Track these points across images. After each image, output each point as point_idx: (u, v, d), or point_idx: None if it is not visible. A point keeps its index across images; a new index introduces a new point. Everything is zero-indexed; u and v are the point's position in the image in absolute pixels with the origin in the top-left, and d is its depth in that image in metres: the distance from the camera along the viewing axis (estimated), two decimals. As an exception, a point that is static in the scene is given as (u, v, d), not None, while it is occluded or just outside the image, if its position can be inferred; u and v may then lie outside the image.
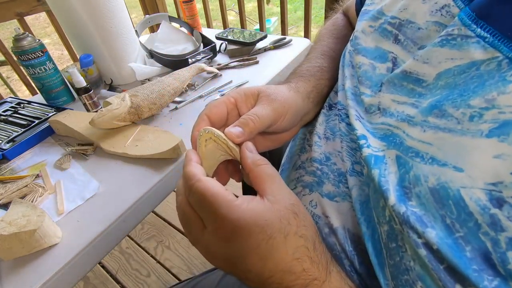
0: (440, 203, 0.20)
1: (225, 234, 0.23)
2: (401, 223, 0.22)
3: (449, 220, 0.20)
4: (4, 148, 0.58)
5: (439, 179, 0.21)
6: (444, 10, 0.27)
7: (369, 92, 0.31)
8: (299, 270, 0.23)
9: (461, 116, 0.21)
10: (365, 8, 0.38)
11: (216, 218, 0.23)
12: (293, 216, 0.24)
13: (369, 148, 0.27)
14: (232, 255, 0.23)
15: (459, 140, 0.21)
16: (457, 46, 0.24)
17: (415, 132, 0.24)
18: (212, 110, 0.30)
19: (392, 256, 0.23)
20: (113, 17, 0.71)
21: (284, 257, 0.23)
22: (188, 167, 0.26)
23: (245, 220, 0.22)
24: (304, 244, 0.24)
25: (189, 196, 0.24)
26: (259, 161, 0.27)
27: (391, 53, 0.31)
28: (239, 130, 0.29)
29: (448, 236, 0.19)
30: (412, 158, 0.23)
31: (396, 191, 0.23)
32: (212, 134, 0.28)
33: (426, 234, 0.20)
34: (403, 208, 0.22)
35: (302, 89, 0.37)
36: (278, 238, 0.23)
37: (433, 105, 0.24)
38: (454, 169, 0.20)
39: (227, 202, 0.22)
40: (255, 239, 0.22)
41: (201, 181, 0.24)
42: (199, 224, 0.24)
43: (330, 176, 0.33)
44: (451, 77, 0.24)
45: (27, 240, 0.38)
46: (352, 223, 0.30)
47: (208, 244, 0.24)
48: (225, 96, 0.32)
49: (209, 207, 0.23)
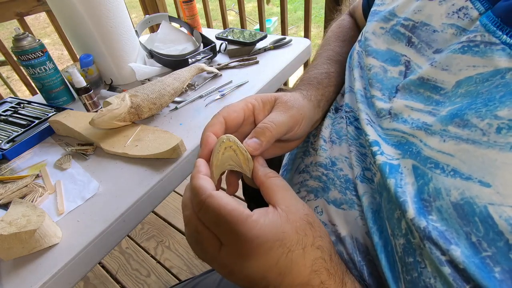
0: (464, 220, 0.19)
1: (245, 252, 0.21)
2: (421, 238, 0.21)
3: (475, 238, 0.18)
4: (4, 148, 0.58)
5: (463, 193, 0.19)
6: (461, 12, 0.26)
7: (380, 95, 0.30)
8: (317, 283, 0.23)
9: (487, 127, 0.20)
10: (374, 9, 0.37)
11: (234, 237, 0.21)
12: (308, 226, 0.24)
13: (383, 156, 0.26)
14: (251, 272, 0.22)
15: (485, 153, 0.19)
16: (480, 53, 0.23)
17: (434, 142, 0.23)
18: (231, 115, 0.29)
19: (409, 272, 0.22)
20: (113, 17, 0.71)
21: (303, 271, 0.22)
22: (196, 180, 0.24)
23: (265, 237, 0.21)
24: (321, 255, 0.24)
25: (200, 213, 0.23)
26: (270, 173, 0.27)
27: (404, 56, 0.31)
28: (257, 142, 0.28)
29: (474, 255, 0.18)
30: (431, 169, 0.22)
31: (414, 203, 0.22)
32: (235, 144, 0.27)
33: (451, 252, 0.19)
34: (423, 222, 0.20)
35: (313, 97, 0.37)
36: (296, 251, 0.22)
37: (453, 114, 0.22)
38: (480, 184, 0.19)
39: (244, 219, 0.21)
40: (274, 253, 0.22)
41: (213, 197, 0.22)
42: (214, 242, 0.23)
43: (337, 182, 0.32)
44: (473, 85, 0.23)
45: (27, 240, 0.38)
46: (360, 232, 0.29)
47: (226, 263, 0.22)
48: (243, 101, 0.31)
49: (226, 225, 0.21)
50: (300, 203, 0.25)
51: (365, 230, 0.28)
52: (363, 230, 0.28)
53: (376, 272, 0.27)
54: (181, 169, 0.53)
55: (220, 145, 0.27)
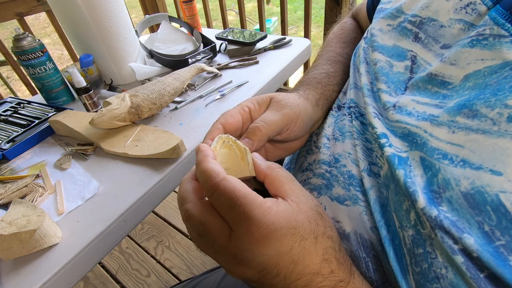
0: (476, 209, 0.19)
1: (258, 238, 0.21)
2: (433, 227, 0.20)
3: (488, 227, 0.18)
4: (4, 148, 0.58)
5: (473, 183, 0.19)
6: (469, 8, 0.27)
7: (386, 87, 0.31)
8: (327, 271, 0.23)
9: (497, 117, 0.20)
10: (381, 7, 0.37)
11: (249, 221, 0.21)
12: (319, 217, 0.24)
13: (391, 148, 0.26)
14: (263, 259, 0.21)
15: (496, 142, 0.20)
16: (489, 46, 0.23)
17: (442, 133, 0.23)
18: (228, 120, 0.30)
19: (418, 263, 0.22)
20: (113, 17, 0.71)
21: (315, 259, 0.22)
22: (206, 163, 0.23)
23: (280, 223, 0.21)
24: (331, 245, 0.24)
25: (213, 196, 0.22)
26: (273, 165, 0.26)
27: (410, 51, 0.31)
28: (248, 142, 0.28)
29: (488, 244, 0.18)
30: (438, 160, 0.22)
31: (424, 194, 0.22)
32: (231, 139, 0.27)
33: (464, 240, 0.18)
34: (434, 211, 0.20)
35: (311, 96, 0.37)
36: (309, 240, 0.22)
37: (461, 105, 0.22)
38: (491, 172, 0.19)
39: (260, 204, 0.21)
40: (288, 240, 0.21)
41: (227, 180, 0.21)
42: (223, 230, 0.22)
43: (340, 179, 0.32)
44: (481, 78, 0.23)
45: (27, 240, 0.38)
46: (365, 228, 0.29)
47: (236, 252, 0.22)
48: (239, 106, 0.32)
49: (241, 209, 0.21)
50: (308, 194, 0.25)
51: (369, 225, 0.28)
52: (367, 225, 0.28)
53: (381, 268, 0.27)
54: (181, 169, 0.53)
55: (217, 141, 0.27)
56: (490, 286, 0.18)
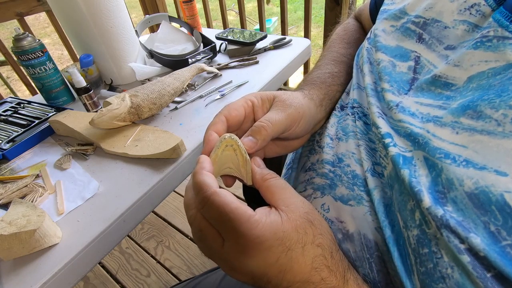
0: (481, 209, 0.19)
1: (246, 250, 0.22)
2: (438, 227, 0.20)
3: (494, 227, 0.18)
4: (4, 148, 0.58)
5: (477, 182, 0.19)
6: (473, 9, 0.27)
7: (389, 87, 0.31)
8: (318, 279, 0.23)
9: (502, 118, 0.20)
10: (384, 8, 0.38)
11: (236, 234, 0.22)
12: (308, 224, 0.24)
13: (396, 147, 0.26)
14: (252, 268, 0.23)
15: (501, 143, 0.20)
16: (493, 47, 0.23)
17: (445, 134, 0.23)
18: (232, 114, 0.30)
19: (423, 263, 0.22)
20: (113, 17, 0.71)
21: (303, 268, 0.23)
22: (199, 176, 0.24)
23: (265, 236, 0.22)
24: (321, 253, 0.24)
25: (203, 210, 0.23)
26: (267, 175, 0.27)
27: (413, 52, 0.31)
28: (252, 141, 0.28)
29: (494, 243, 0.18)
30: (440, 159, 0.22)
31: (429, 194, 0.22)
32: (236, 144, 0.27)
33: (470, 240, 0.18)
34: (440, 211, 0.20)
35: (315, 96, 0.37)
36: (296, 250, 0.23)
37: (465, 106, 0.23)
38: (496, 173, 0.19)
39: (247, 218, 0.22)
40: (274, 252, 0.22)
41: (217, 195, 0.22)
42: (217, 238, 0.23)
43: (344, 179, 0.32)
44: (484, 79, 0.23)
45: (27, 240, 0.38)
46: (369, 228, 0.28)
47: (228, 259, 0.23)
48: (243, 99, 0.32)
49: (228, 223, 0.22)
50: (300, 202, 0.26)
51: (374, 226, 0.28)
52: (372, 225, 0.28)
53: (384, 268, 0.27)
54: (181, 169, 0.53)
55: (221, 142, 0.27)
56: (497, 285, 0.18)
